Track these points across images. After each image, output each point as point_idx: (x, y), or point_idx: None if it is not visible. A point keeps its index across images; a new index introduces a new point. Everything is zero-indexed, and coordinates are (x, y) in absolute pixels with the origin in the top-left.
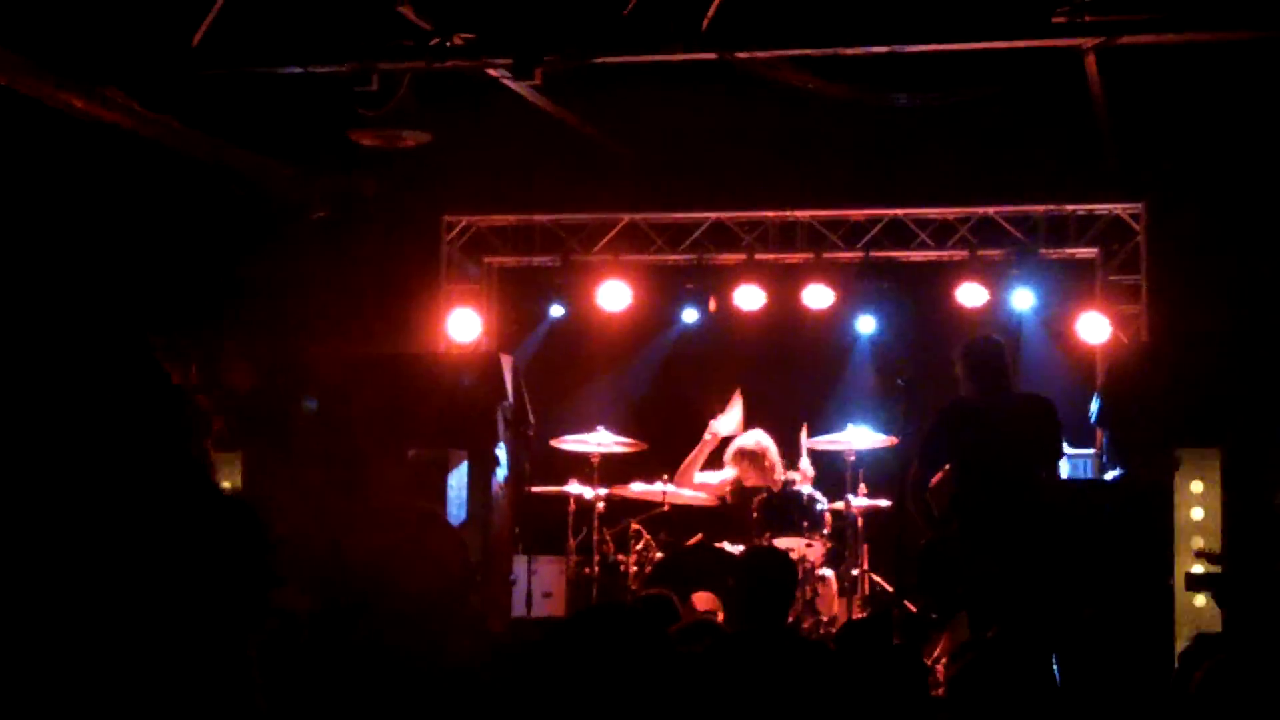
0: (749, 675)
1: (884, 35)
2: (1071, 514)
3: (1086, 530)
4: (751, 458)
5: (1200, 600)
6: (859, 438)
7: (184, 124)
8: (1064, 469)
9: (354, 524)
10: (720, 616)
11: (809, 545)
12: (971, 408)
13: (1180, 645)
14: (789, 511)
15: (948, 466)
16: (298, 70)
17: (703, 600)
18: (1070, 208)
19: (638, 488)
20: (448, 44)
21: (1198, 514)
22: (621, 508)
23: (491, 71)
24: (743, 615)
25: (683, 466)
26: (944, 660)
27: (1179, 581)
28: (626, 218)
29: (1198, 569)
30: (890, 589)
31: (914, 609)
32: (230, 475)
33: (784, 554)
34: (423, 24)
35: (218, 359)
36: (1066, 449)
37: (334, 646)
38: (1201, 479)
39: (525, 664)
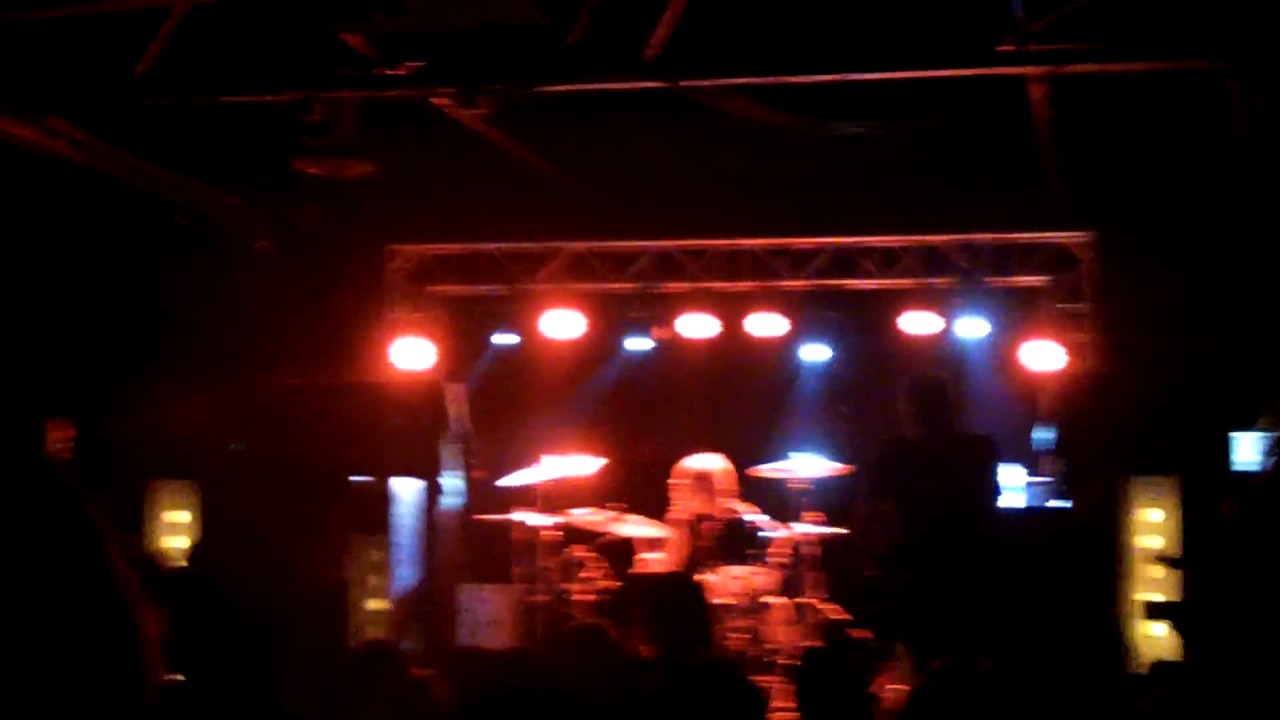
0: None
1: (831, 63)
2: (1013, 544)
3: (1030, 558)
4: (698, 480)
5: (1154, 628)
6: (803, 465)
7: (128, 153)
8: (1022, 497)
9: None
10: None
11: (755, 574)
12: (913, 446)
13: (1130, 673)
14: (734, 539)
15: (890, 504)
16: (242, 99)
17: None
18: (1016, 236)
19: (585, 517)
20: (392, 73)
21: (1155, 542)
22: (569, 536)
23: (436, 100)
24: (654, 643)
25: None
26: (890, 690)
27: (1133, 610)
28: (571, 246)
29: (1157, 597)
30: (838, 617)
31: (861, 638)
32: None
33: (687, 581)
34: (368, 52)
35: (156, 400)
36: (1027, 477)
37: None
38: (1159, 507)
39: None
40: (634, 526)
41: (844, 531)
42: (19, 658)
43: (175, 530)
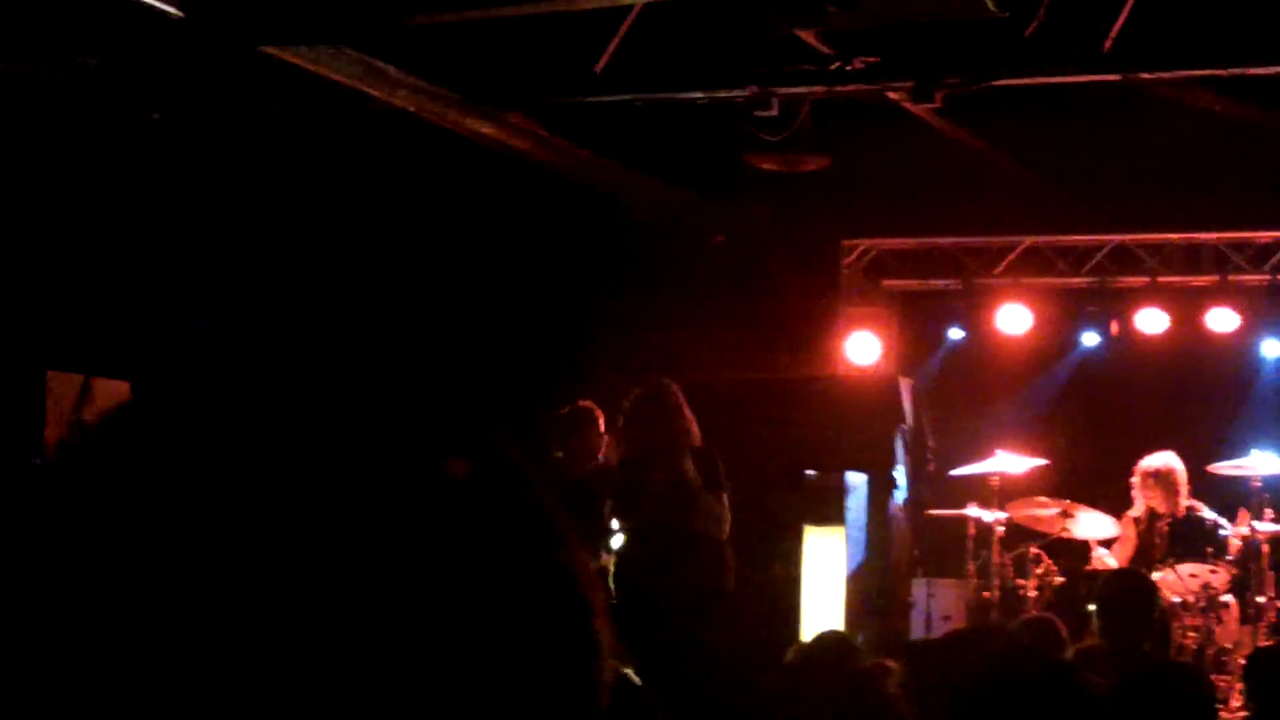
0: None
1: None
2: None
3: None
4: (1159, 478)
5: None
6: (1264, 463)
7: (587, 150)
8: None
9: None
10: None
11: (1213, 571)
12: None
13: None
14: (1193, 537)
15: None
16: (698, 96)
17: None
18: None
19: (1038, 513)
20: (847, 68)
21: None
22: (1021, 532)
23: (891, 95)
24: (1105, 638)
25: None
26: None
27: None
28: (1027, 240)
29: None
30: None
31: None
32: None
33: (1142, 577)
34: (822, 48)
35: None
36: None
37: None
38: None
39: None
40: (1085, 522)
41: None
42: (472, 652)
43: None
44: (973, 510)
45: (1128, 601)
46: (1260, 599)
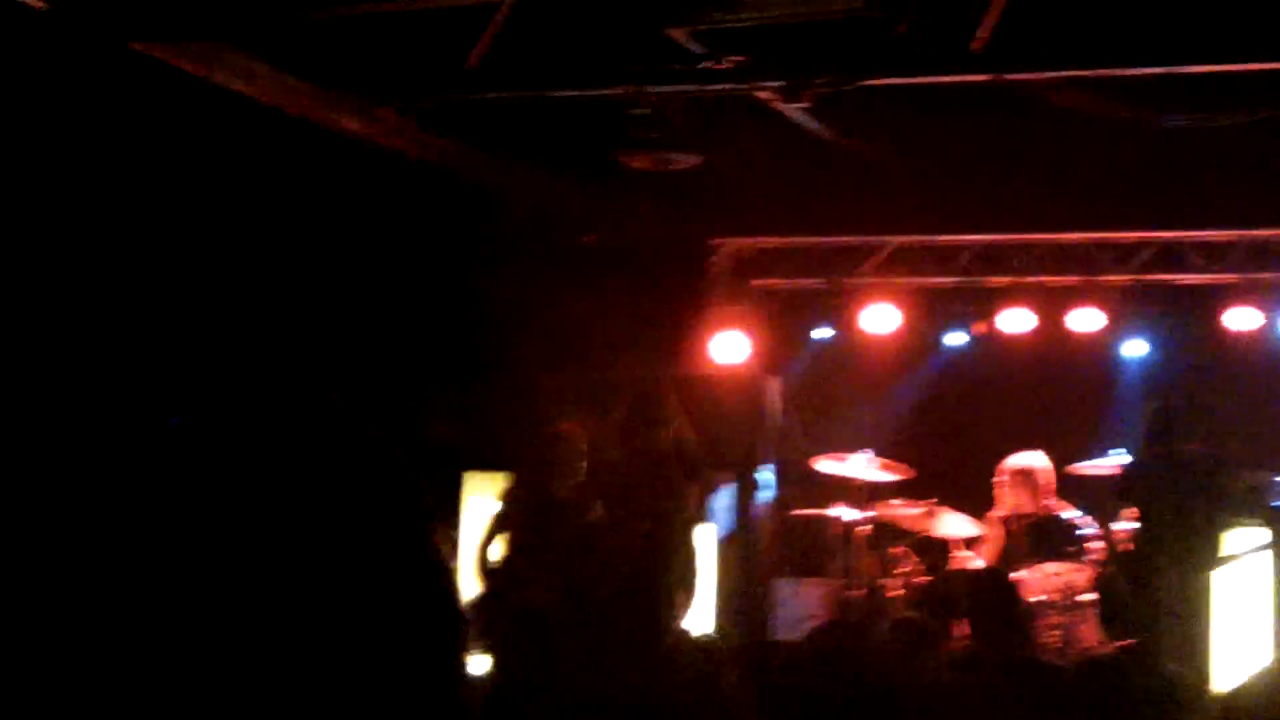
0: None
1: (1159, 55)
2: None
3: None
4: (1024, 476)
5: None
6: (1126, 462)
7: (458, 143)
8: None
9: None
10: None
11: (1075, 570)
12: (1145, 464)
13: None
14: (1055, 537)
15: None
16: (572, 93)
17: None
18: None
19: (903, 512)
20: (718, 67)
21: None
22: (887, 531)
23: (761, 94)
24: (970, 638)
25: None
26: None
27: None
28: (894, 240)
29: None
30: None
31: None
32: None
33: (1003, 576)
34: (695, 47)
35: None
36: None
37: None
38: None
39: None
40: (949, 523)
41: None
42: (340, 636)
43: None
44: (838, 510)
45: (993, 601)
46: None
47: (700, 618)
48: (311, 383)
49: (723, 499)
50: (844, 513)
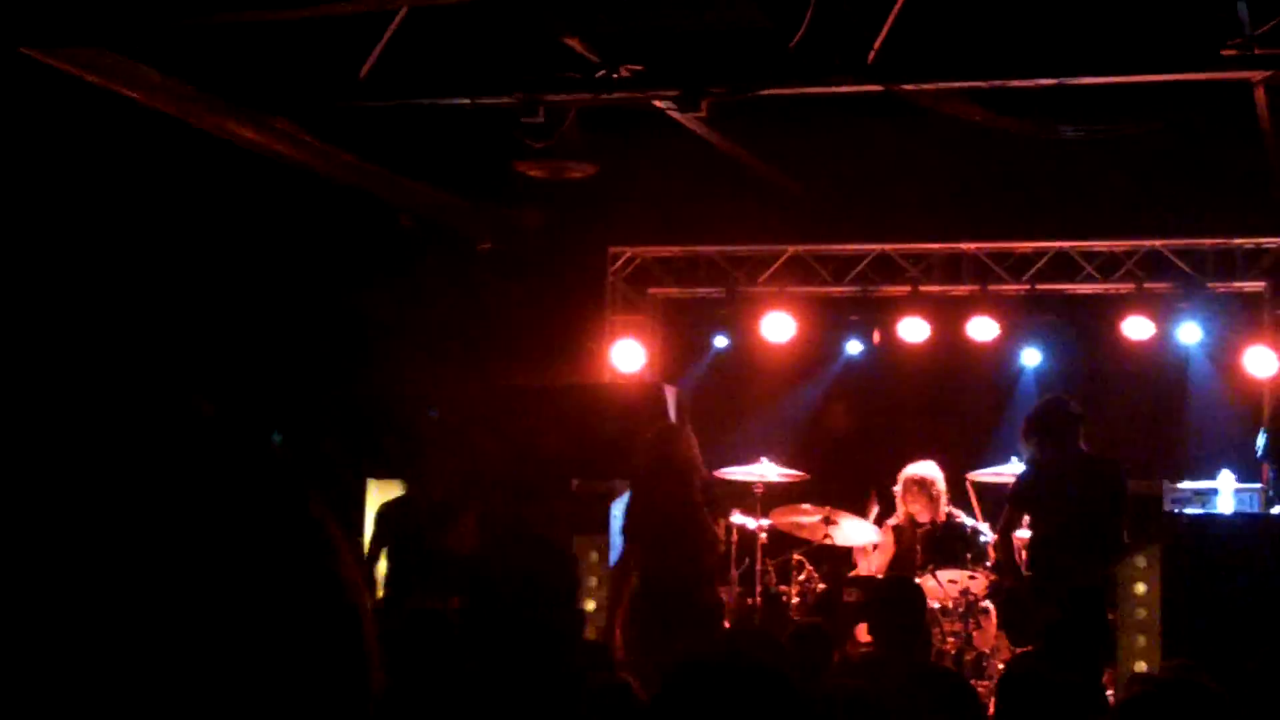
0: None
1: (1051, 67)
2: (1221, 550)
3: (1253, 569)
4: (921, 485)
5: None
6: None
7: (353, 155)
8: (1230, 504)
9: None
10: None
11: (972, 578)
12: (1042, 469)
13: None
14: (953, 544)
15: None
16: (464, 102)
17: (866, 631)
18: (1238, 241)
19: (801, 520)
20: (614, 76)
21: None
22: (784, 539)
23: (657, 103)
24: (876, 644)
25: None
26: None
27: None
28: (791, 249)
29: None
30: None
31: None
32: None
33: (912, 583)
34: (589, 56)
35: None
36: (1234, 483)
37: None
38: None
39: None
40: (847, 529)
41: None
42: (236, 655)
43: None
44: (736, 517)
45: (899, 608)
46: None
47: (597, 626)
48: (178, 391)
49: (621, 508)
50: (743, 520)
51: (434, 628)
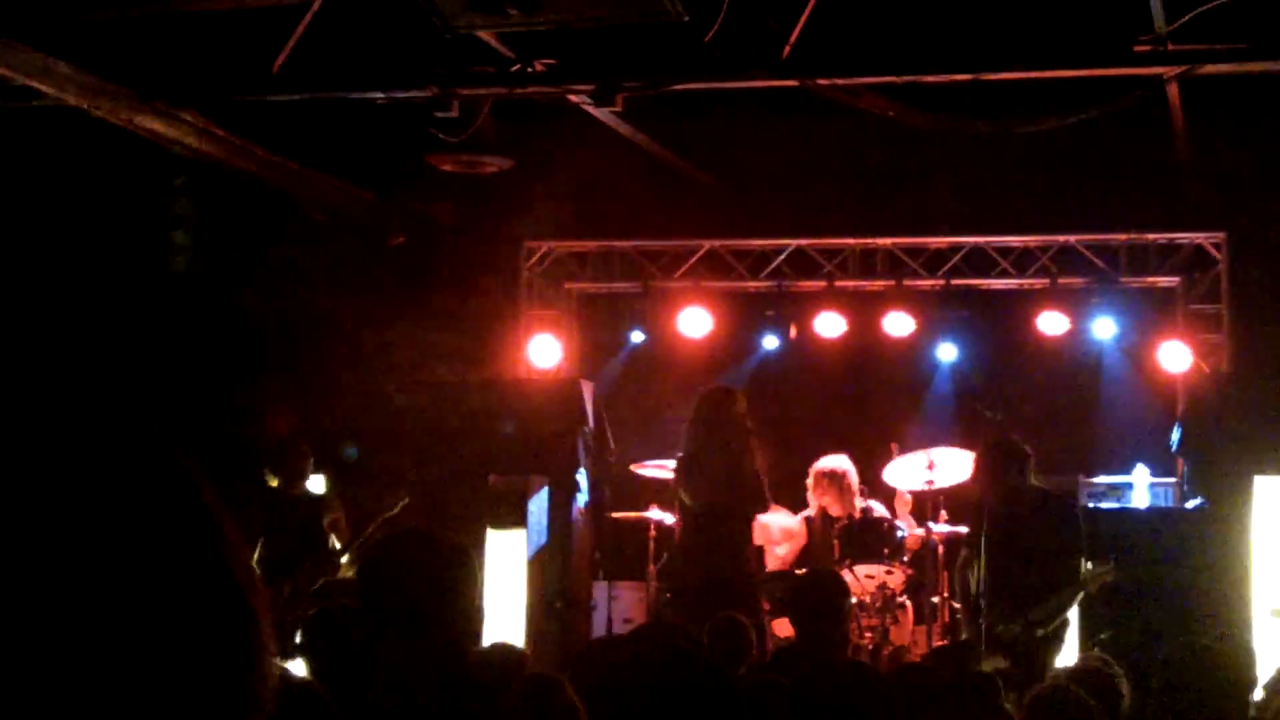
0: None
1: (966, 63)
2: (1137, 545)
3: (1168, 562)
4: (832, 478)
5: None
6: (939, 464)
7: (264, 148)
8: (1145, 498)
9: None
10: None
11: (889, 572)
12: (993, 503)
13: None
14: (869, 538)
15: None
16: (378, 95)
17: (783, 626)
18: (1152, 236)
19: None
20: (529, 70)
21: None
22: None
23: (573, 98)
24: (799, 637)
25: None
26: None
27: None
28: (707, 244)
29: None
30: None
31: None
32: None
33: (836, 577)
34: (504, 50)
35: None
36: (1149, 477)
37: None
38: None
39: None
40: (764, 520)
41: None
42: (122, 648)
43: None
44: (654, 513)
45: (821, 602)
46: (935, 599)
47: (514, 622)
48: (70, 389)
49: (539, 503)
50: (660, 515)
51: (325, 627)
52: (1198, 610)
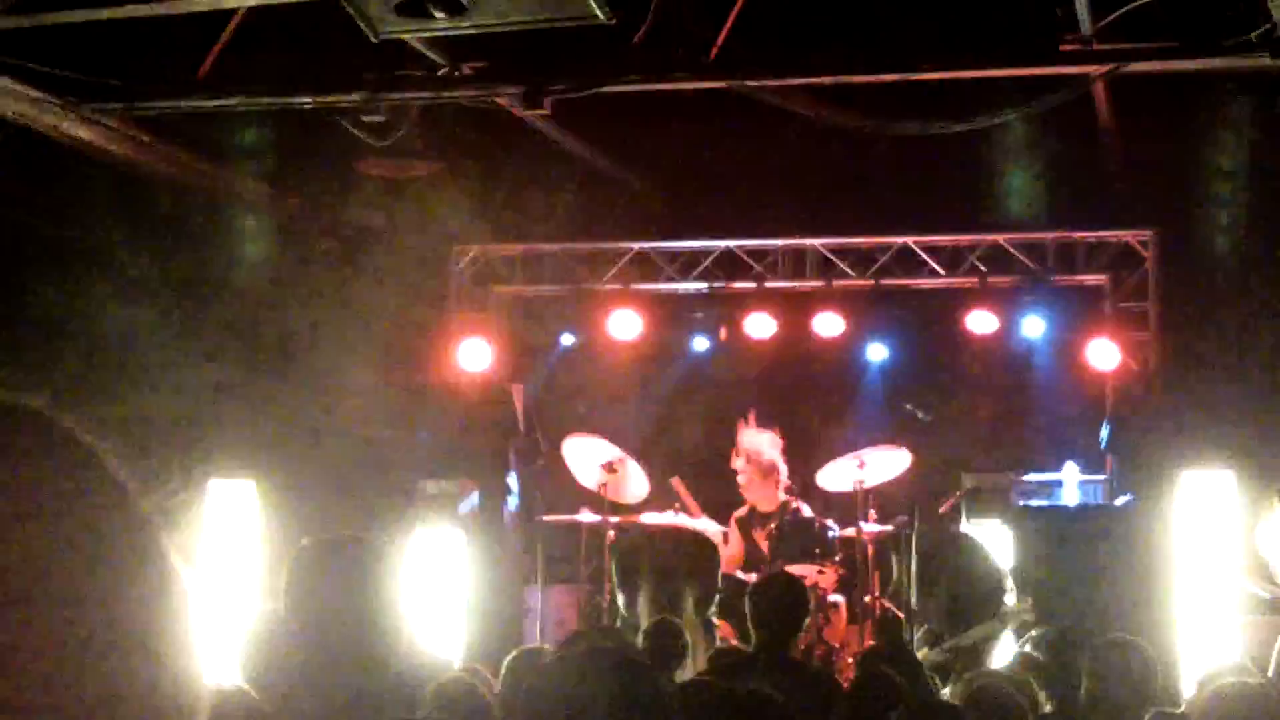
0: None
1: (893, 63)
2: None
3: (1098, 559)
4: (763, 472)
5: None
6: (870, 463)
7: (189, 153)
8: (1075, 495)
9: None
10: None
11: (820, 572)
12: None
13: (1187, 671)
14: (800, 538)
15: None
16: (306, 101)
17: (726, 629)
18: (1080, 235)
19: (649, 517)
20: (456, 74)
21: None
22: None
23: (500, 101)
24: (755, 640)
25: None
26: None
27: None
28: (636, 246)
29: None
30: (900, 615)
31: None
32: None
33: (797, 580)
34: (431, 54)
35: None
36: (1079, 474)
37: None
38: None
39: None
40: (696, 526)
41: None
42: (55, 653)
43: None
44: (585, 516)
45: (781, 605)
46: (866, 598)
47: (447, 627)
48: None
49: (470, 507)
50: (591, 518)
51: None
52: (1127, 605)
